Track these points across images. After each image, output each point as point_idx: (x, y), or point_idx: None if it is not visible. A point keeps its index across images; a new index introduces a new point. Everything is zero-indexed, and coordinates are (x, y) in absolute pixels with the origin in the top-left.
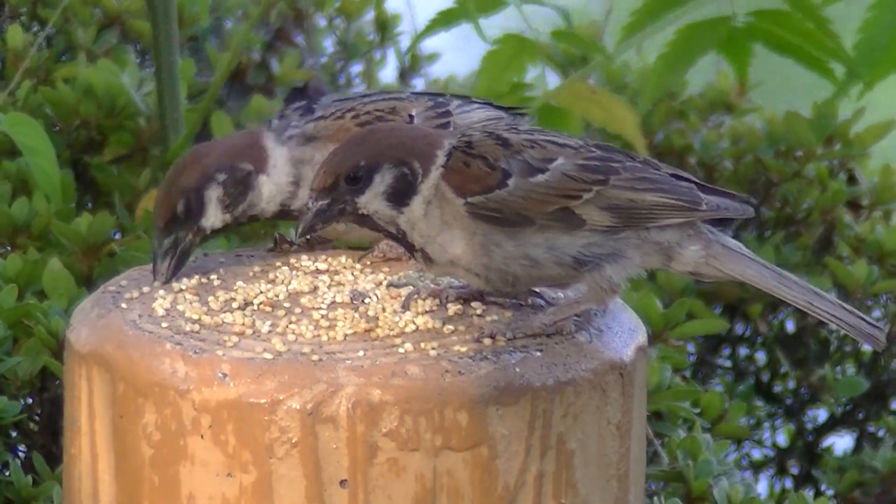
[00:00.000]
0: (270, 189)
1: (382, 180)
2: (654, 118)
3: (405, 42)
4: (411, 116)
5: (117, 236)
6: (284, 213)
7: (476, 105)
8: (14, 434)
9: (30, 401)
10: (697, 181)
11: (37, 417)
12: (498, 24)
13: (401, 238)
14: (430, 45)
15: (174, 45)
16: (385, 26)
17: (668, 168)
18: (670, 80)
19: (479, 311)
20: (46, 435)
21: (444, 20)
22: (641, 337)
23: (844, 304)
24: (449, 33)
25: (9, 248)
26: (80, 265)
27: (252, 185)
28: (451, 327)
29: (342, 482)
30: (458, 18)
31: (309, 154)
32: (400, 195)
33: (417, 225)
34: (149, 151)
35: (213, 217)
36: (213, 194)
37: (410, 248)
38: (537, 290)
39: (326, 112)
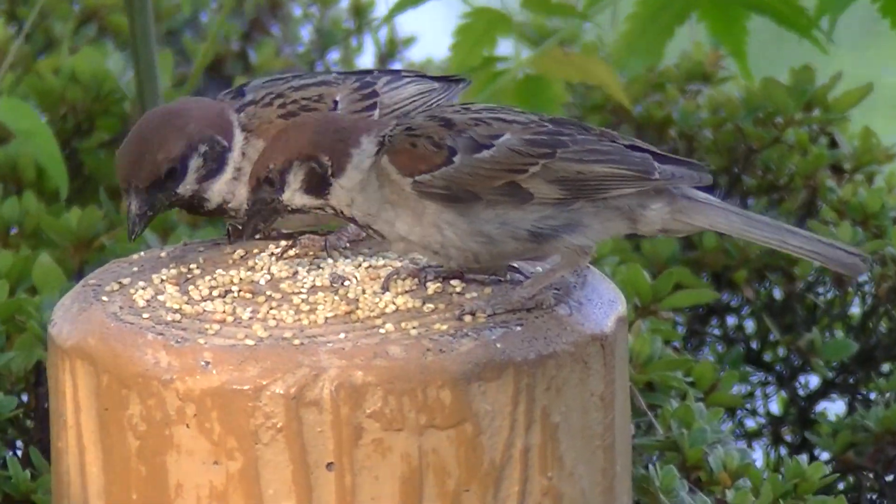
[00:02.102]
0: (226, 177)
1: (295, 178)
2: (632, 91)
3: (381, 28)
4: (336, 102)
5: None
6: (211, 213)
7: (407, 80)
8: (10, 429)
9: (25, 396)
10: (654, 150)
11: (32, 412)
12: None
13: (341, 216)
14: (407, 28)
15: (151, 36)
16: (360, 13)
17: (625, 140)
18: (644, 44)
19: (458, 289)
20: (42, 429)
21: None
22: (621, 308)
23: (820, 238)
24: (426, 17)
25: (1, 245)
26: (70, 260)
27: (225, 164)
28: (431, 306)
29: (328, 465)
30: None
31: (246, 149)
32: (316, 187)
33: (353, 207)
34: None
35: (189, 186)
36: (195, 164)
37: (356, 224)
38: (515, 265)
39: (256, 96)
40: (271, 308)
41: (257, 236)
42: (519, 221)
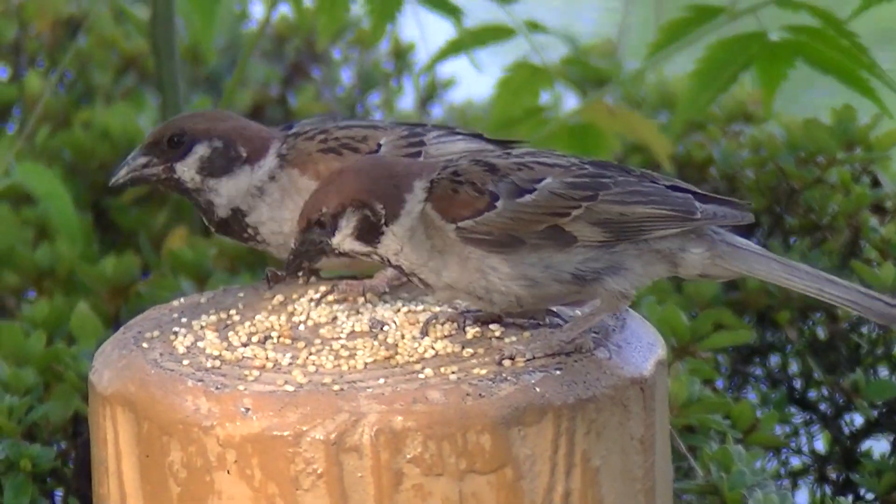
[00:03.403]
0: (240, 185)
1: (348, 223)
2: (674, 132)
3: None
4: (379, 145)
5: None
6: (227, 225)
7: (458, 136)
8: (49, 480)
9: (63, 446)
10: (696, 191)
11: (70, 462)
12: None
13: (388, 264)
14: (447, 71)
15: (178, 83)
16: (401, 55)
17: (666, 180)
18: (705, 99)
19: (497, 334)
20: (81, 478)
21: (452, 49)
22: (661, 351)
23: (859, 287)
24: (466, 60)
25: (34, 292)
26: (106, 307)
27: (232, 169)
28: (470, 350)
29: None
30: (468, 46)
31: (278, 174)
32: (368, 234)
33: (401, 255)
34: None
35: (186, 170)
36: (199, 150)
37: (402, 272)
38: (554, 309)
39: (301, 129)
40: (311, 354)
41: (300, 277)
42: (562, 264)
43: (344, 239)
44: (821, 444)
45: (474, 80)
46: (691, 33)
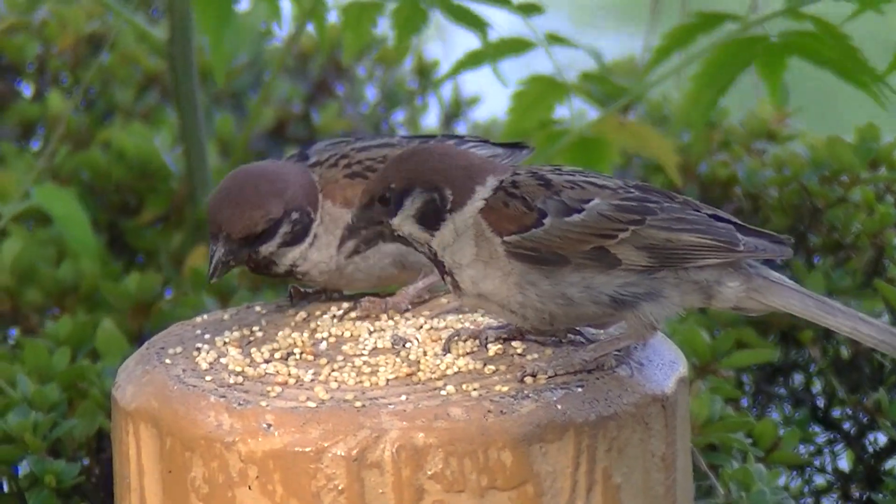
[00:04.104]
0: (304, 244)
1: (412, 204)
2: (697, 150)
3: (446, 88)
4: None
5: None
6: (279, 276)
7: (470, 144)
8: (73, 496)
9: (86, 462)
10: (737, 222)
11: (94, 479)
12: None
13: (435, 260)
14: (471, 88)
15: (196, 102)
16: (425, 73)
17: (708, 209)
18: (707, 102)
19: (519, 351)
20: (105, 495)
21: (472, 60)
22: (682, 368)
23: (892, 329)
24: (490, 77)
25: (57, 309)
26: (129, 324)
27: (308, 234)
28: (492, 367)
29: None
30: (487, 58)
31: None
32: (430, 219)
33: (448, 250)
34: (184, 212)
35: (270, 248)
36: (284, 230)
37: (441, 269)
38: (577, 327)
39: (321, 157)
40: (333, 370)
41: (352, 254)
42: (603, 286)
43: (405, 220)
44: (844, 463)
45: (499, 98)
46: (693, 41)
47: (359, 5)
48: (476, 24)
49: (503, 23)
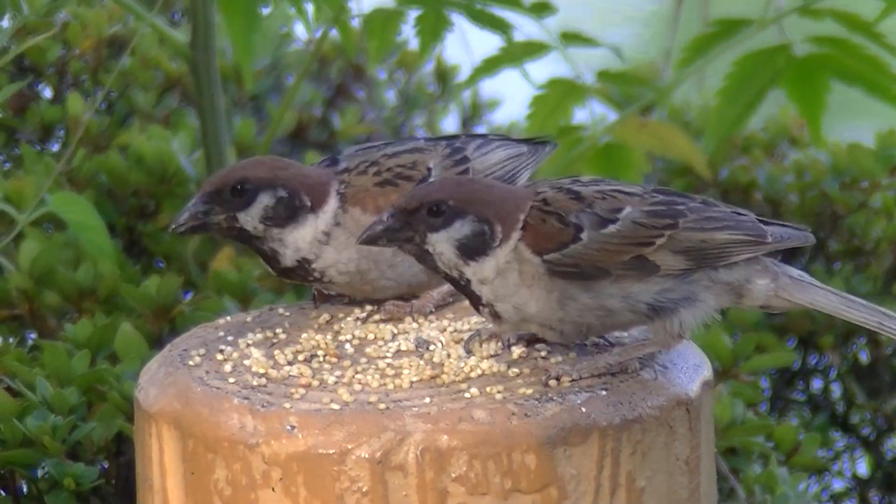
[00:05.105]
0: (305, 235)
1: (461, 228)
2: (718, 155)
3: (466, 92)
4: (429, 169)
5: (188, 296)
6: (292, 272)
7: (495, 143)
8: (91, 498)
9: (105, 465)
10: (757, 217)
11: (113, 481)
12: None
13: (463, 286)
14: (490, 91)
15: (219, 107)
16: (445, 77)
17: (726, 206)
18: (733, 118)
19: (543, 354)
20: (123, 498)
21: (489, 66)
22: (707, 372)
23: None
24: (510, 80)
25: (76, 312)
26: (149, 327)
27: (297, 218)
28: (516, 370)
29: None
30: (504, 64)
31: (341, 217)
32: (471, 250)
33: (491, 284)
34: None
35: (251, 219)
36: (264, 199)
37: (475, 301)
38: None
39: (351, 164)
40: (357, 372)
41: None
42: (640, 294)
43: (446, 241)
44: (863, 468)
45: (518, 100)
46: (717, 47)
47: (383, 13)
48: (500, 26)
49: (521, 24)
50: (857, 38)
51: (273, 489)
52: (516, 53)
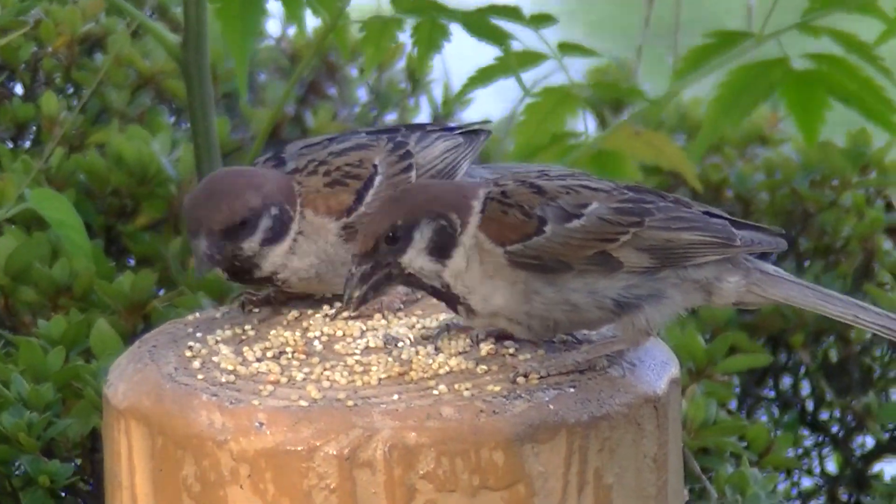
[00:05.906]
0: (284, 247)
1: (422, 236)
2: (694, 156)
3: (437, 89)
4: (375, 166)
5: (161, 293)
6: (252, 279)
7: (434, 135)
8: (66, 496)
9: (80, 462)
10: (730, 217)
11: (88, 478)
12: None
13: (444, 293)
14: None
15: (210, 108)
16: (416, 74)
17: (699, 206)
18: (725, 124)
19: (511, 351)
20: (99, 495)
21: (483, 77)
22: (674, 369)
23: (890, 314)
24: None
25: (51, 309)
26: (124, 323)
27: (287, 232)
28: (484, 367)
29: None
30: (498, 74)
31: (302, 225)
32: (441, 248)
33: (461, 276)
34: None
35: (253, 244)
36: (264, 223)
37: (453, 302)
38: None
39: (299, 164)
40: (325, 369)
41: (355, 313)
42: (606, 290)
43: (417, 254)
44: (832, 466)
45: (490, 100)
46: (713, 59)
47: (380, 20)
48: (498, 37)
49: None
50: (854, 59)
51: (241, 486)
52: (512, 63)
